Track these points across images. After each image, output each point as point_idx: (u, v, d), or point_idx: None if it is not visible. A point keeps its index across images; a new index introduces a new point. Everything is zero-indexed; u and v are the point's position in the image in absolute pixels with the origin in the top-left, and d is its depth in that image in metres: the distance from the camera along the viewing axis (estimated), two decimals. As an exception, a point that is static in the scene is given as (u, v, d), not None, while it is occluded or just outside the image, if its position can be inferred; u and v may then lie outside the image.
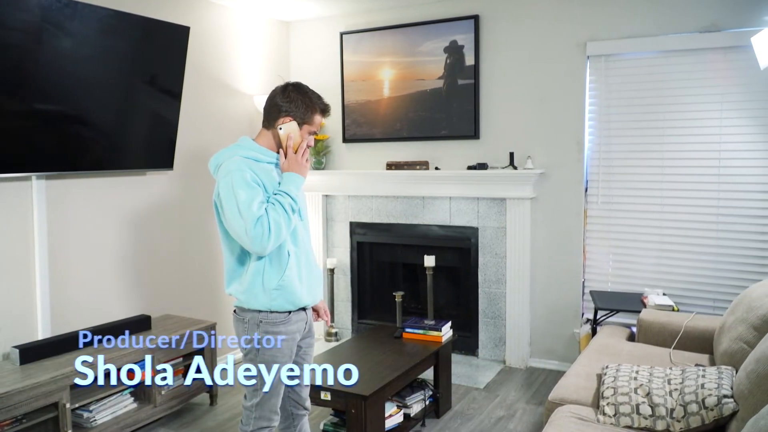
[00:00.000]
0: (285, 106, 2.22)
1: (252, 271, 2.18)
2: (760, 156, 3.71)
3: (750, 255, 3.78)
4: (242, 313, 2.25)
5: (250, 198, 2.08)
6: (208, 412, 3.70)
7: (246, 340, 2.23)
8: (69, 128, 3.27)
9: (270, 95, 2.28)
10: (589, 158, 4.19)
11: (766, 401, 1.92)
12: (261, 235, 2.06)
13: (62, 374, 2.90)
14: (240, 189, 2.08)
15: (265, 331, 2.21)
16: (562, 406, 2.53)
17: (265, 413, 2.26)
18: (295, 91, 2.24)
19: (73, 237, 3.48)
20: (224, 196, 2.11)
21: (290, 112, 2.22)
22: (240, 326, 2.27)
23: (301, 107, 2.23)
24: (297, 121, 2.23)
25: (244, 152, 2.19)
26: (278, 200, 2.13)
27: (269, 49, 4.93)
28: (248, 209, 2.06)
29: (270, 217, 2.08)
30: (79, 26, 3.16)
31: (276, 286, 2.19)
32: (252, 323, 2.22)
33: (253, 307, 2.21)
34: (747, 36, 3.52)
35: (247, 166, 2.14)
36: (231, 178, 2.10)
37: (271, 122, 2.25)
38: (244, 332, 2.24)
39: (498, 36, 4.35)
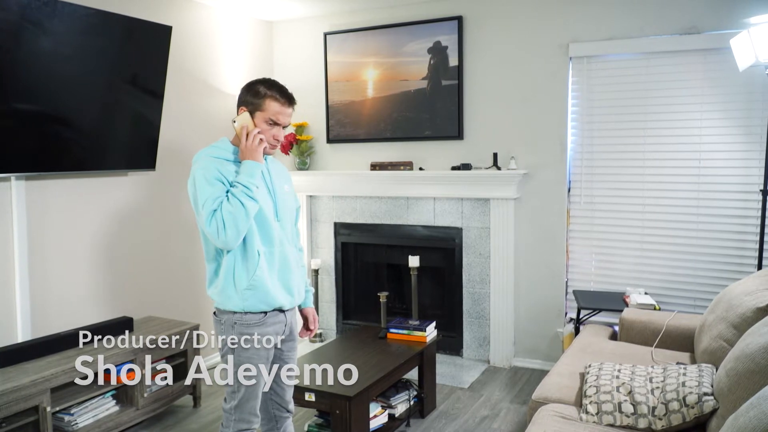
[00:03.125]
0: (241, 99, 2.26)
1: (224, 271, 2.20)
2: (739, 156, 3.75)
3: (730, 254, 3.83)
4: (219, 314, 2.26)
5: (208, 194, 2.11)
6: (191, 414, 3.66)
7: (222, 341, 2.24)
8: (49, 128, 3.23)
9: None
10: (571, 159, 4.22)
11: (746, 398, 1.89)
12: (217, 230, 2.07)
13: (42, 377, 2.86)
14: (200, 187, 2.12)
15: (240, 332, 2.21)
16: (545, 405, 2.54)
17: (245, 416, 2.26)
18: (252, 83, 2.26)
19: (54, 238, 3.44)
20: (190, 192, 2.17)
21: (243, 104, 2.24)
22: (218, 327, 2.27)
23: (250, 97, 2.23)
24: (248, 110, 2.22)
25: (214, 152, 2.22)
26: (232, 192, 2.13)
27: (252, 49, 4.90)
28: (203, 206, 2.09)
29: (223, 210, 2.08)
30: (59, 25, 3.12)
31: (247, 286, 2.19)
32: (227, 324, 2.22)
33: (228, 308, 2.21)
34: (726, 38, 3.57)
35: (213, 165, 2.16)
36: (193, 178, 2.15)
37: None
38: (221, 333, 2.25)
39: (481, 37, 4.36)
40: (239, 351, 2.22)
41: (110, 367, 3.20)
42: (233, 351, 2.22)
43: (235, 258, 2.19)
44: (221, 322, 2.25)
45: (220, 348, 2.26)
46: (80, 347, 3.23)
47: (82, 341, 3.27)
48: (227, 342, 2.22)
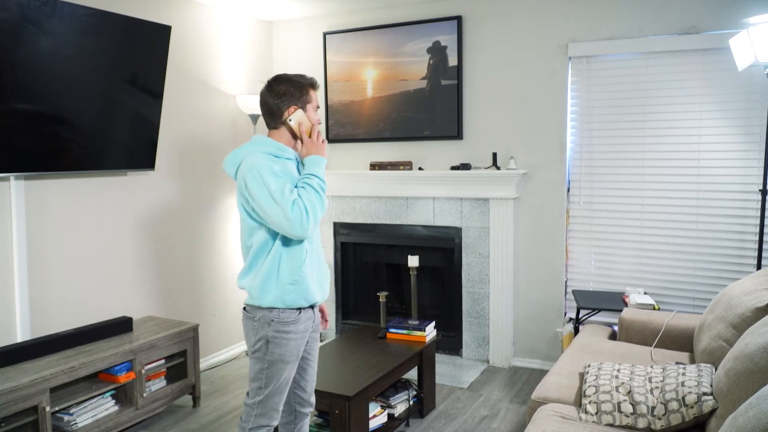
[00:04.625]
0: (282, 100, 2.26)
1: (267, 264, 2.22)
2: (738, 156, 3.76)
3: (729, 254, 3.83)
4: (253, 311, 2.27)
5: (280, 185, 2.12)
6: (191, 414, 3.66)
7: (255, 338, 2.25)
8: (48, 128, 3.21)
9: (261, 100, 2.32)
10: (571, 158, 4.22)
11: (745, 398, 1.90)
12: (300, 217, 2.11)
13: (42, 377, 2.86)
14: (270, 179, 2.12)
15: (276, 330, 2.23)
16: (544, 404, 2.53)
17: (267, 411, 2.28)
18: (279, 82, 2.28)
19: (53, 238, 3.43)
20: (255, 189, 2.13)
21: (290, 102, 2.26)
22: (249, 324, 2.28)
23: (295, 92, 2.26)
24: (299, 106, 2.26)
25: (262, 149, 2.24)
26: (307, 182, 2.19)
27: (252, 49, 4.90)
28: (282, 195, 2.10)
29: (304, 199, 2.14)
30: (58, 25, 3.11)
31: (291, 280, 2.23)
32: (263, 322, 2.24)
33: (265, 303, 2.23)
34: (725, 38, 3.58)
35: (271, 161, 2.19)
36: (258, 171, 2.14)
37: (276, 120, 2.29)
38: (254, 331, 2.26)
39: (481, 37, 4.36)
40: (273, 348, 2.24)
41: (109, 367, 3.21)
42: (267, 348, 2.23)
43: (282, 252, 2.22)
44: (254, 319, 2.25)
45: (252, 344, 2.27)
46: (80, 347, 3.24)
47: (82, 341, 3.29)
48: (263, 339, 2.23)
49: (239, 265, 4.65)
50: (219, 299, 4.61)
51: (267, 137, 2.30)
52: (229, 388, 4.06)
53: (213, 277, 4.55)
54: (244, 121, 4.78)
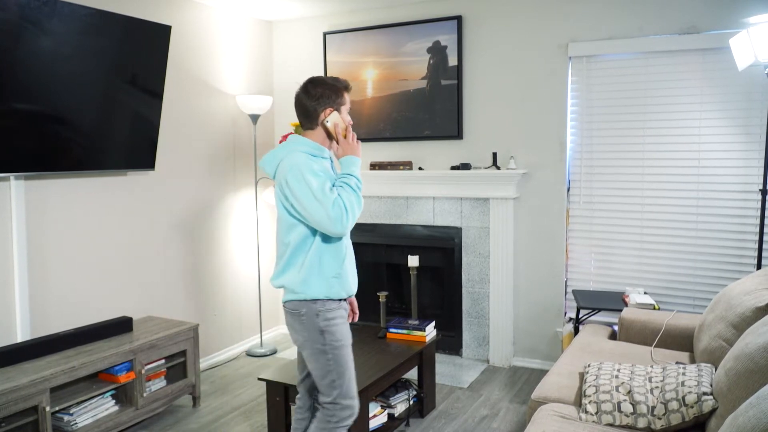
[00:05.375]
0: (318, 102, 2.34)
1: (310, 260, 2.29)
2: (738, 156, 3.75)
3: (729, 254, 3.83)
4: (297, 307, 2.33)
5: (320, 184, 2.21)
6: (191, 414, 3.65)
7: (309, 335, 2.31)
8: (48, 128, 3.21)
9: (297, 102, 2.39)
10: (571, 158, 4.21)
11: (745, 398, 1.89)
12: (340, 216, 2.19)
13: (42, 377, 2.85)
14: (311, 177, 2.21)
15: (324, 319, 2.31)
16: (544, 404, 2.53)
17: (348, 399, 2.36)
18: (316, 85, 2.36)
19: (53, 238, 3.43)
20: (296, 187, 2.21)
21: (326, 104, 2.34)
22: (296, 320, 2.34)
23: (331, 95, 2.35)
24: (334, 108, 2.35)
25: (302, 148, 2.32)
26: (345, 182, 2.29)
27: (252, 49, 4.89)
28: (323, 194, 2.19)
29: (344, 198, 2.23)
30: (58, 25, 3.11)
31: (335, 274, 2.33)
32: (310, 315, 2.31)
33: (310, 296, 2.30)
34: (725, 38, 3.57)
35: (312, 161, 2.27)
36: (300, 170, 2.22)
37: (313, 122, 2.37)
38: (302, 326, 2.32)
39: (481, 37, 4.36)
40: (329, 337, 2.31)
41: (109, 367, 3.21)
42: (324, 339, 2.31)
43: (323, 248, 2.31)
44: (300, 315, 2.32)
45: (304, 340, 2.33)
46: (80, 347, 3.23)
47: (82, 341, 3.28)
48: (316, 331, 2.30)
49: (239, 264, 4.74)
50: (219, 299, 4.61)
51: (304, 137, 2.37)
52: (229, 388, 4.05)
53: (213, 277, 4.55)
54: (244, 121, 4.78)
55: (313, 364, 2.35)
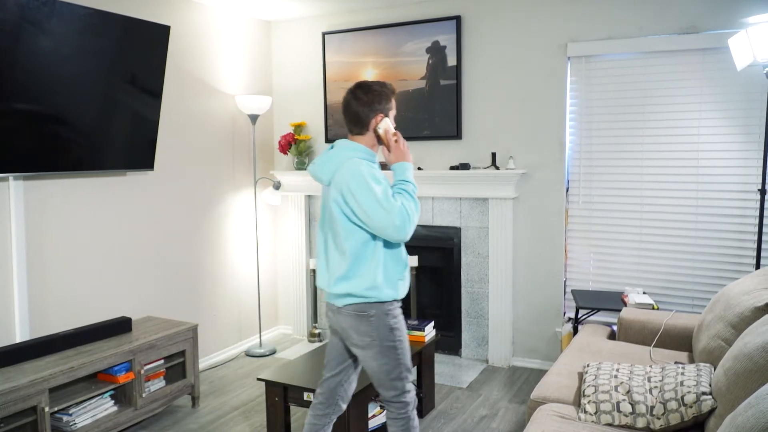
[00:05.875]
0: (370, 109, 2.36)
1: (375, 265, 2.33)
2: (737, 156, 3.75)
3: (728, 254, 3.82)
4: (365, 309, 2.35)
5: (383, 191, 2.24)
6: (190, 415, 3.65)
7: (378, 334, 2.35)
8: (47, 128, 3.20)
9: (348, 108, 2.40)
10: (570, 158, 4.20)
11: (744, 398, 1.89)
12: (404, 223, 2.23)
13: (41, 377, 2.84)
14: (374, 184, 2.24)
15: (393, 317, 2.38)
16: (544, 404, 2.52)
17: (408, 396, 2.44)
18: (366, 92, 2.38)
19: (52, 238, 3.42)
20: (360, 193, 2.24)
21: (377, 110, 2.37)
22: (363, 322, 2.36)
23: (381, 101, 2.38)
24: (384, 114, 2.38)
25: (359, 154, 2.35)
26: (403, 188, 2.33)
27: (251, 49, 4.88)
28: (388, 201, 2.23)
29: (405, 205, 2.27)
30: (57, 25, 3.11)
31: (400, 276, 2.40)
32: (380, 315, 2.35)
33: (379, 298, 2.34)
34: (724, 38, 3.57)
35: (372, 168, 2.30)
36: (363, 177, 2.24)
37: (363, 128, 2.39)
38: (371, 327, 2.35)
39: (480, 37, 4.35)
40: (398, 334, 2.38)
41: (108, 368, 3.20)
42: (394, 336, 2.37)
43: (386, 252, 2.36)
44: (369, 316, 2.35)
45: (371, 341, 2.36)
46: (79, 347, 3.23)
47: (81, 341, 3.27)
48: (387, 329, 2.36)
49: (238, 265, 4.72)
50: (218, 299, 4.60)
51: (357, 143, 2.39)
52: (228, 389, 4.05)
53: (212, 277, 4.54)
54: (243, 121, 4.77)
55: (379, 361, 2.37)
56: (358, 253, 2.32)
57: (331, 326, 2.52)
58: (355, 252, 2.32)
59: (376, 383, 2.44)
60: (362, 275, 2.32)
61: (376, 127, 2.38)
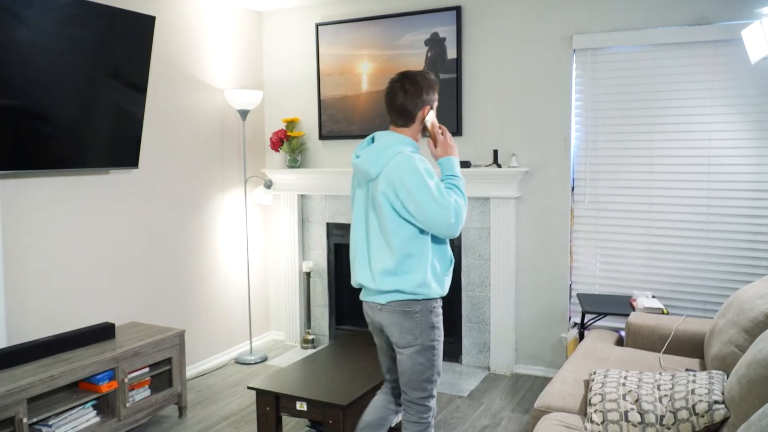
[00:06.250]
0: (419, 101, 2.39)
1: (421, 262, 2.35)
2: (751, 153, 3.72)
3: (741, 255, 3.79)
4: (410, 305, 2.37)
5: (438, 186, 2.29)
6: (177, 425, 3.61)
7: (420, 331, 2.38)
8: (26, 124, 3.17)
9: (394, 100, 2.41)
10: (575, 156, 4.18)
11: (758, 407, 1.86)
12: (457, 219, 2.29)
13: (19, 387, 2.78)
14: (428, 179, 2.28)
15: (436, 315, 2.42)
16: (548, 413, 2.51)
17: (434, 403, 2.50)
18: (413, 83, 2.39)
19: (30, 240, 3.37)
20: (415, 188, 2.26)
21: (424, 103, 2.40)
22: (407, 319, 2.38)
23: (429, 92, 2.41)
24: (431, 106, 2.43)
25: (409, 148, 2.37)
26: (453, 183, 2.38)
27: (241, 41, 4.84)
28: (442, 196, 2.27)
29: (458, 202, 2.32)
30: (36, 15, 3.08)
31: (446, 272, 2.45)
32: (424, 312, 2.38)
33: (427, 296, 2.37)
34: (737, 29, 3.53)
35: (424, 162, 2.33)
36: (418, 171, 2.28)
37: (408, 120, 2.41)
38: (414, 323, 2.38)
39: (481, 28, 4.30)
40: (437, 333, 2.43)
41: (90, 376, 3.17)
42: (434, 334, 2.41)
43: (433, 248, 2.39)
44: (414, 312, 2.37)
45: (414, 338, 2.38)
46: (59, 355, 3.19)
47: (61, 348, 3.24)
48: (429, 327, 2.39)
49: (227, 268, 4.72)
50: (206, 304, 4.56)
51: (404, 136, 2.41)
52: (217, 398, 4.01)
53: (200, 280, 4.50)
54: (233, 117, 4.74)
55: (415, 360, 2.40)
56: (407, 248, 2.34)
57: (372, 328, 2.55)
58: (403, 247, 2.33)
59: (404, 381, 2.45)
60: (411, 271, 2.35)
61: (424, 120, 2.41)
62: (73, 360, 3.10)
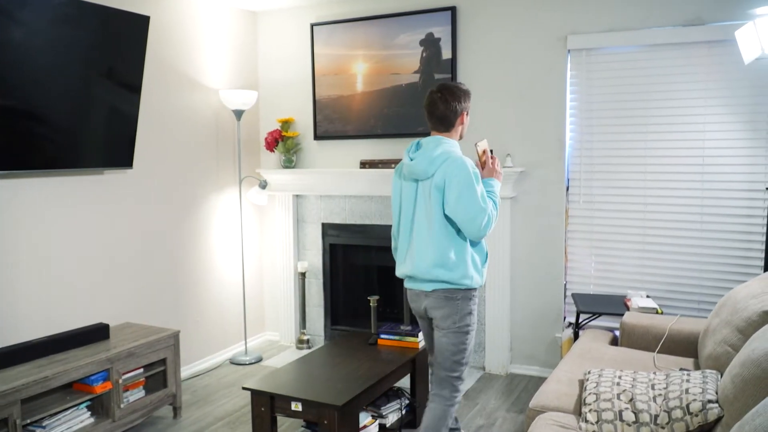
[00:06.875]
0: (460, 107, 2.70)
1: (463, 255, 2.65)
2: (744, 153, 3.71)
3: (735, 255, 3.79)
4: (453, 293, 2.66)
5: (482, 191, 2.59)
6: (171, 426, 3.59)
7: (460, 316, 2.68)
8: (19, 124, 3.15)
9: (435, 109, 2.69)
10: (570, 156, 4.17)
11: (752, 406, 1.87)
12: (487, 224, 2.57)
13: (12, 388, 2.77)
14: (476, 183, 2.57)
15: (474, 302, 2.72)
16: (543, 413, 2.51)
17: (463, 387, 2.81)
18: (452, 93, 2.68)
19: (24, 241, 3.35)
20: (464, 187, 2.54)
21: (462, 110, 2.71)
22: (451, 304, 2.67)
23: (465, 101, 2.72)
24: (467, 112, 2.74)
25: (458, 151, 2.67)
26: (492, 196, 2.67)
27: (236, 41, 4.82)
28: (484, 200, 2.57)
29: (492, 211, 2.62)
30: (30, 15, 3.07)
31: (484, 265, 2.76)
32: (465, 298, 2.68)
33: (468, 285, 2.66)
34: (731, 30, 3.52)
35: (471, 162, 2.62)
36: (469, 173, 2.56)
37: (449, 127, 2.72)
38: (456, 308, 2.67)
39: (476, 29, 4.29)
40: (473, 318, 2.72)
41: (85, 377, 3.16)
42: (471, 319, 2.71)
43: (470, 244, 2.68)
44: (456, 299, 2.66)
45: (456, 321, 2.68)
46: (53, 356, 3.17)
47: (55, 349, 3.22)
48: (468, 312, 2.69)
49: (222, 268, 4.71)
50: (201, 304, 4.54)
51: (451, 139, 2.70)
52: (211, 398, 3.99)
53: (195, 281, 4.48)
54: (227, 117, 4.72)
55: (452, 340, 2.69)
56: (452, 242, 2.62)
57: (416, 313, 2.85)
58: (447, 243, 2.62)
59: (439, 360, 2.74)
60: (456, 263, 2.62)
61: (476, 145, 2.79)
62: (67, 361, 3.08)
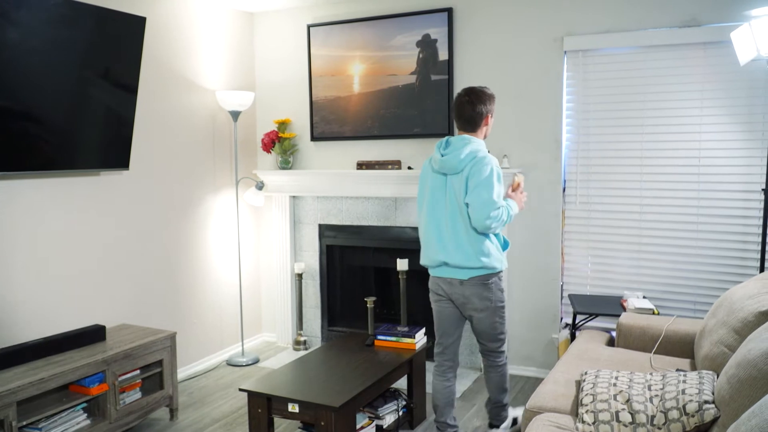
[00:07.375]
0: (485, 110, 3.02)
1: (493, 242, 2.98)
2: (740, 154, 3.71)
3: (731, 256, 3.78)
4: (488, 278, 2.99)
5: (501, 193, 2.92)
6: (168, 428, 3.58)
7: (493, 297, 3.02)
8: (15, 125, 3.14)
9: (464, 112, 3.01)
10: (566, 157, 4.16)
11: (748, 407, 1.86)
12: (494, 219, 2.84)
13: (8, 390, 2.76)
14: (497, 183, 2.88)
15: (503, 283, 3.07)
16: (540, 414, 2.50)
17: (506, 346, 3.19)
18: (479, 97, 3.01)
19: (20, 242, 3.34)
20: (486, 180, 2.85)
21: (487, 112, 3.03)
22: (486, 290, 3.00)
23: (491, 104, 3.06)
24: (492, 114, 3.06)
25: (484, 147, 2.98)
26: (508, 205, 2.96)
27: (232, 42, 4.81)
28: (500, 198, 2.89)
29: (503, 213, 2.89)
30: (26, 16, 3.06)
31: (505, 250, 3.08)
32: (497, 282, 3.03)
33: (496, 269, 2.99)
34: (727, 31, 3.52)
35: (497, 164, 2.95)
36: (494, 171, 2.88)
37: (475, 127, 3.03)
38: (489, 291, 3.00)
39: (472, 30, 4.29)
40: (504, 297, 3.07)
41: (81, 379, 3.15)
42: (503, 298, 3.06)
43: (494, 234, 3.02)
44: (488, 281, 2.99)
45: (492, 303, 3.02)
46: (49, 357, 3.17)
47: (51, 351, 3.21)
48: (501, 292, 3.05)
49: (219, 269, 4.71)
50: (198, 306, 4.53)
51: (478, 139, 3.00)
52: (208, 400, 3.98)
53: (191, 282, 4.47)
54: (224, 118, 4.71)
55: (492, 319, 3.05)
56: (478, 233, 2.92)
57: (442, 298, 3.10)
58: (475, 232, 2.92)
59: (484, 338, 3.11)
60: (486, 250, 2.93)
61: (515, 175, 3.19)
62: (63, 362, 3.08)
